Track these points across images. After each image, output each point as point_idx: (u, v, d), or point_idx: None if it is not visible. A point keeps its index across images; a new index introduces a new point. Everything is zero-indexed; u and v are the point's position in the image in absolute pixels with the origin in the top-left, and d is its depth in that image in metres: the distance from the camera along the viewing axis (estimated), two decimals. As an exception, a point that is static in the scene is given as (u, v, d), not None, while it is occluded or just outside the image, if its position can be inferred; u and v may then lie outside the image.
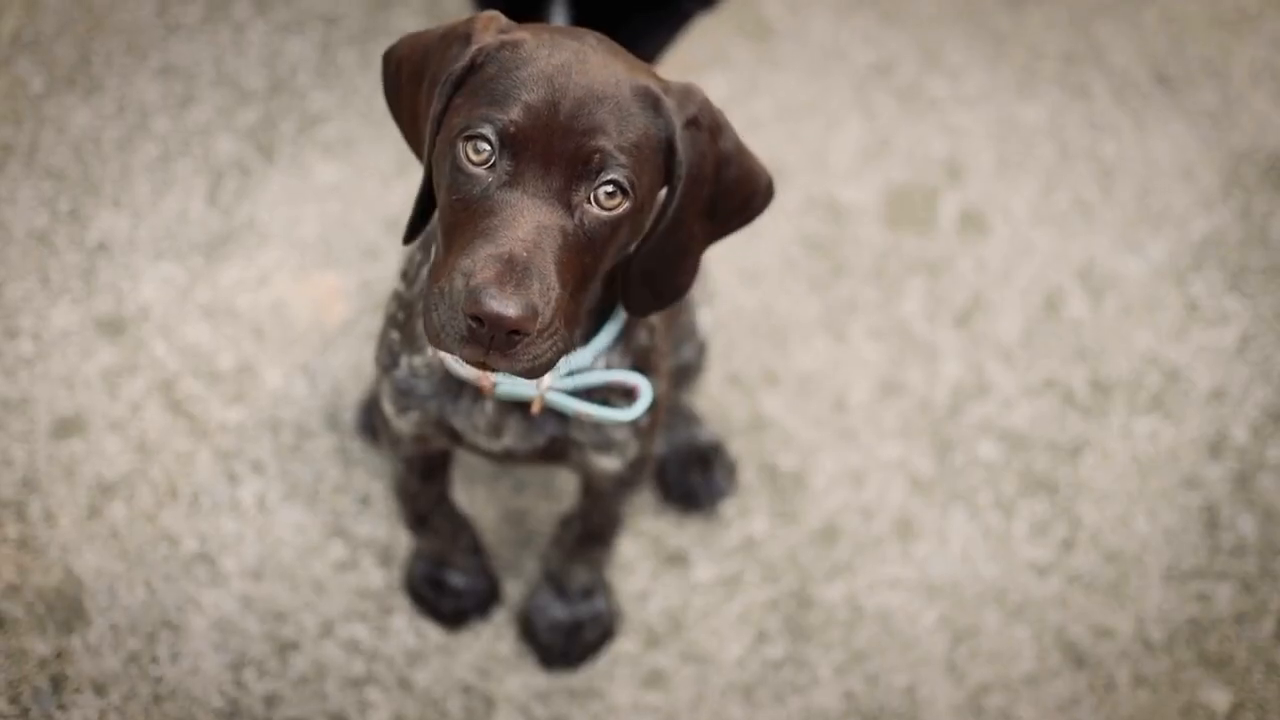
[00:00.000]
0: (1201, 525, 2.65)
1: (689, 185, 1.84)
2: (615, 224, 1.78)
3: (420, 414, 2.09)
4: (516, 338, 1.72)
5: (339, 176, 2.87)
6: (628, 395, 2.03)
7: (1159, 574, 2.61)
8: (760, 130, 2.99)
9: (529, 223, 1.73)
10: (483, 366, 1.76)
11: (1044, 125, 3.05)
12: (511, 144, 1.75)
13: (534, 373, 1.76)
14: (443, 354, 1.98)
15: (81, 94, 2.94)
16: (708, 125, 1.85)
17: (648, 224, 1.86)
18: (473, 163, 1.76)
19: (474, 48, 1.80)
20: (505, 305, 1.69)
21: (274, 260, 2.78)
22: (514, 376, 1.93)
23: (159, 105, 2.93)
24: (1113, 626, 2.56)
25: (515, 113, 1.74)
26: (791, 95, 3.05)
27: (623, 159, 1.76)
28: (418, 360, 2.05)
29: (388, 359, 2.09)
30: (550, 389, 1.97)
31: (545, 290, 1.72)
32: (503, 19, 1.84)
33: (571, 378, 1.98)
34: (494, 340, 1.72)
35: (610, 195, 1.76)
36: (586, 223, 1.77)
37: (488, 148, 1.75)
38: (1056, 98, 3.08)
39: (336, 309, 2.74)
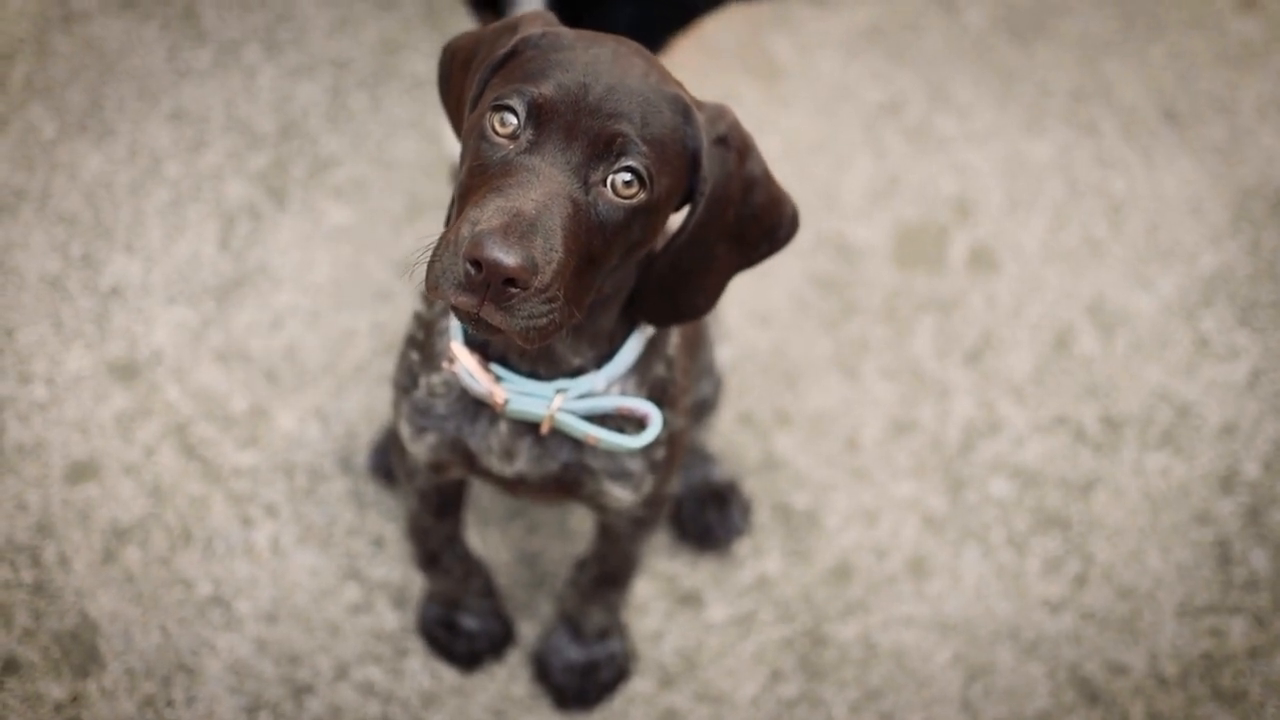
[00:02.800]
0: (1214, 560, 2.65)
1: (712, 204, 1.86)
2: (628, 214, 1.78)
3: (437, 436, 2.08)
4: (513, 290, 1.71)
5: (350, 220, 2.88)
6: (640, 425, 2.03)
7: (1172, 609, 2.61)
8: (771, 169, 2.99)
9: (543, 186, 1.74)
10: (476, 324, 1.75)
11: (1053, 162, 3.05)
12: (537, 114, 1.76)
13: (529, 336, 1.75)
14: (457, 368, 1.98)
15: (93, 139, 2.95)
16: (736, 146, 1.87)
17: (662, 230, 1.87)
18: (498, 134, 1.78)
19: (518, 37, 1.83)
20: (505, 252, 1.69)
21: (286, 304, 2.78)
22: (523, 391, 1.96)
23: (170, 150, 2.95)
24: (1126, 662, 2.56)
25: (547, 87, 1.77)
26: (801, 134, 3.06)
27: (644, 149, 1.78)
28: (435, 379, 2.05)
29: (407, 380, 2.10)
30: (560, 410, 1.97)
31: (548, 250, 1.73)
32: (549, 16, 1.88)
33: (583, 401, 1.98)
34: (489, 290, 1.71)
35: (628, 184, 1.77)
36: (600, 204, 1.78)
37: (514, 120, 1.77)
38: (1065, 135, 3.09)
39: (349, 352, 2.75)
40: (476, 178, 1.78)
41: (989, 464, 2.72)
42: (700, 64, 3.14)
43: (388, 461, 2.61)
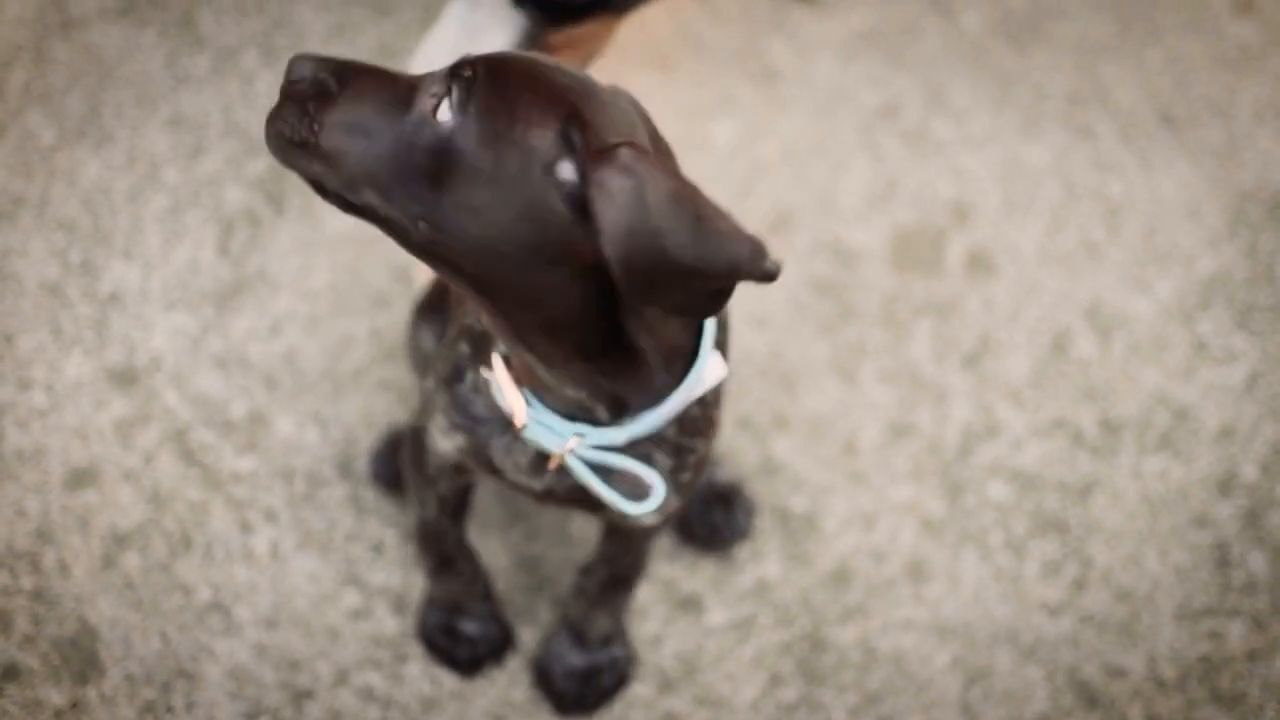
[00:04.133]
0: (1212, 563, 2.66)
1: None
2: None
3: (466, 438, 2.03)
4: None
5: (349, 226, 2.88)
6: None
7: (1170, 612, 2.61)
8: (767, 174, 3.00)
9: None
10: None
11: (1050, 166, 3.06)
12: None
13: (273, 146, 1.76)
14: (487, 377, 1.95)
15: (92, 146, 2.95)
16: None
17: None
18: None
19: None
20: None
21: (285, 309, 2.79)
22: (543, 421, 1.89)
23: (169, 156, 2.95)
24: (1125, 665, 2.56)
25: None
26: (798, 138, 3.07)
27: None
28: (484, 374, 1.97)
29: (450, 372, 2.03)
30: (571, 453, 1.90)
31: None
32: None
33: (595, 451, 1.91)
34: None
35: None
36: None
37: None
38: (1062, 138, 3.10)
39: (347, 358, 2.75)
40: None
41: (987, 467, 2.72)
42: (696, 68, 3.14)
43: (388, 468, 2.61)
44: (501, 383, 1.92)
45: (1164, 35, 3.26)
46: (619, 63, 3.12)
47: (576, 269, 1.69)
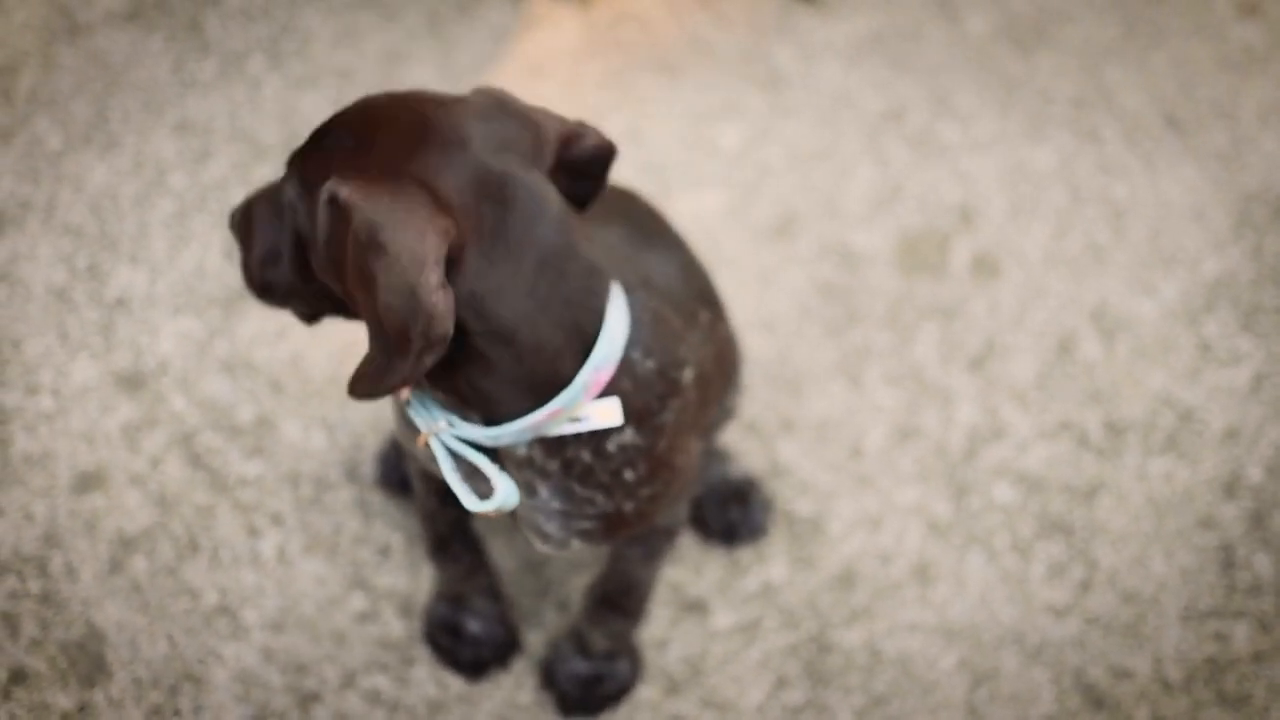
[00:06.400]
0: (1218, 565, 2.66)
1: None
2: None
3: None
4: None
5: (355, 229, 2.88)
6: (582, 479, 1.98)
7: (1176, 614, 2.61)
8: (773, 177, 3.01)
9: None
10: None
11: (1055, 169, 3.06)
12: None
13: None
14: None
15: (99, 151, 2.96)
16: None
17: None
18: None
19: None
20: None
21: (291, 315, 2.79)
22: (424, 404, 1.95)
23: (176, 161, 2.96)
24: (1131, 667, 2.56)
25: None
26: (804, 143, 3.07)
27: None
28: None
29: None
30: (436, 435, 1.94)
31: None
32: None
33: (458, 442, 1.94)
34: None
35: None
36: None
37: None
38: (1067, 142, 3.10)
39: (353, 362, 2.75)
40: None
41: (993, 470, 2.73)
42: (702, 72, 3.15)
43: (395, 472, 2.62)
44: None
45: (1169, 38, 3.26)
46: (625, 67, 3.13)
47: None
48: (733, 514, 2.62)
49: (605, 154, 1.92)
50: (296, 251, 1.90)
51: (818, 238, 2.94)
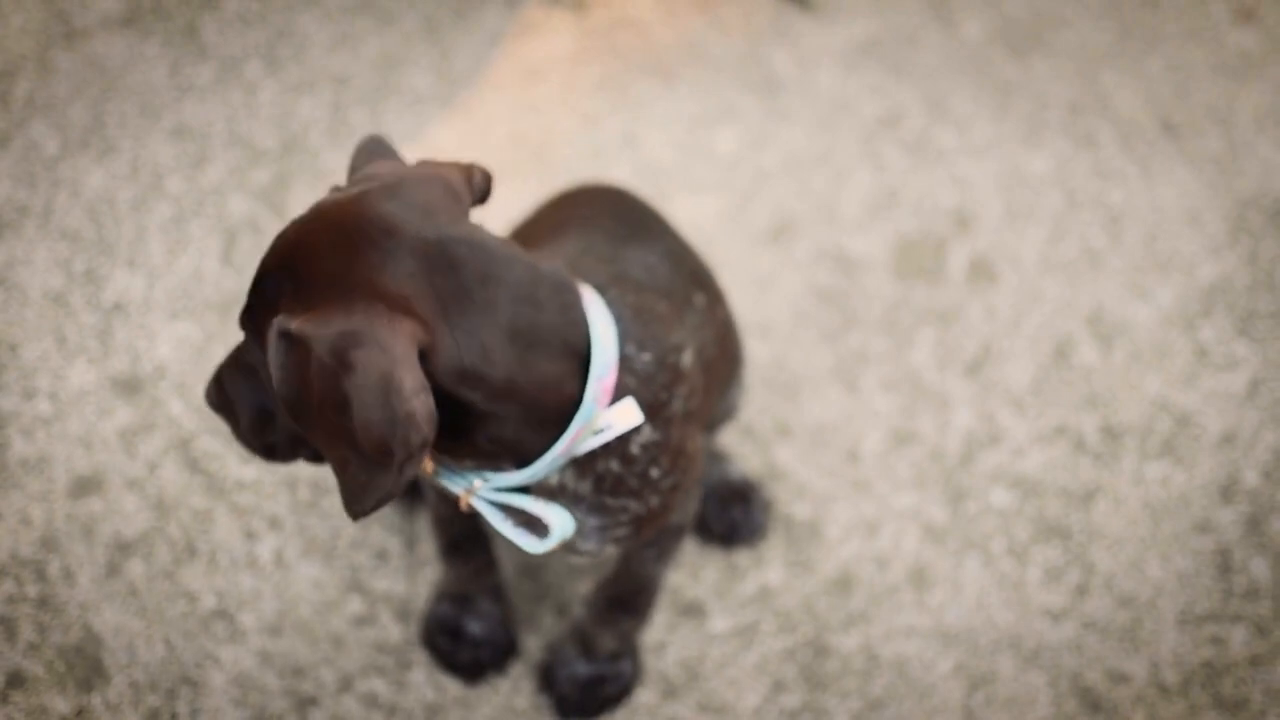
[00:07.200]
0: (1214, 569, 2.66)
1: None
2: None
3: None
4: None
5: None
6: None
7: (1173, 618, 2.62)
8: (769, 183, 3.01)
9: None
10: None
11: (1051, 174, 3.07)
12: None
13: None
14: None
15: (95, 156, 2.96)
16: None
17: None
18: None
19: None
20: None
21: (289, 318, 2.79)
22: (450, 469, 1.95)
23: (172, 166, 2.96)
24: (1128, 671, 2.57)
25: None
26: (800, 148, 3.07)
27: None
28: None
29: None
30: (475, 494, 1.93)
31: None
32: None
33: (498, 493, 1.93)
34: None
35: None
36: None
37: None
38: (1063, 147, 3.10)
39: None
40: None
41: (989, 474, 2.73)
42: (699, 77, 3.15)
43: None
44: None
45: (1164, 43, 3.27)
46: (621, 72, 3.13)
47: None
48: (734, 514, 2.62)
49: (490, 186, 1.92)
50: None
51: (814, 242, 2.95)
